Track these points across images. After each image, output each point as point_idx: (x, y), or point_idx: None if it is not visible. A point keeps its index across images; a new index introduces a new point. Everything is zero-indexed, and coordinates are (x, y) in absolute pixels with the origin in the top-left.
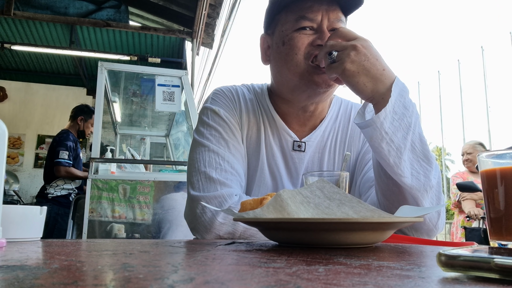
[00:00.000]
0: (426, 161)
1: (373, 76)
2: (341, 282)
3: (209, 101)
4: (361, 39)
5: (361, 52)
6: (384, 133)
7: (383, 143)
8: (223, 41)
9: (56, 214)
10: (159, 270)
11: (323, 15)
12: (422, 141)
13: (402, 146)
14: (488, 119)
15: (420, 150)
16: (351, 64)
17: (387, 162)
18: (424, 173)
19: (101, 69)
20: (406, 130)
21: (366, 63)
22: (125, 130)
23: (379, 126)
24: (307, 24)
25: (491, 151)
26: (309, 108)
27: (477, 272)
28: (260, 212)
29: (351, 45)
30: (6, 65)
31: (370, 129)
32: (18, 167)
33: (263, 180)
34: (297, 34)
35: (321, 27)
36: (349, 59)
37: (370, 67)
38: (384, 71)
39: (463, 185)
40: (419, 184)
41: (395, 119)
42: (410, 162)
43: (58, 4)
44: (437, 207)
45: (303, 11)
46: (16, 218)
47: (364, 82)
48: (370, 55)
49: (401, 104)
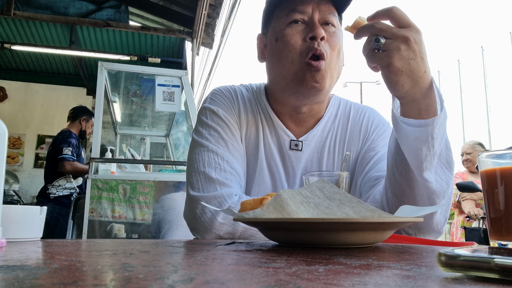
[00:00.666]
0: (448, 167)
1: (414, 78)
2: (341, 282)
3: (207, 101)
4: (414, 30)
5: (411, 48)
6: (430, 138)
7: (425, 147)
8: (223, 41)
9: (58, 214)
10: (159, 270)
11: (313, 7)
12: (447, 147)
13: (437, 151)
14: (488, 119)
15: (445, 156)
16: (399, 60)
17: (418, 165)
18: (446, 179)
19: (101, 69)
20: (442, 137)
21: (413, 62)
22: (125, 130)
23: (430, 130)
24: (298, 17)
25: (491, 151)
26: (301, 109)
27: (477, 272)
28: (260, 212)
29: (403, 36)
30: (6, 65)
31: (419, 130)
32: (18, 167)
33: (262, 179)
34: (289, 29)
35: (312, 19)
36: (398, 54)
37: (414, 68)
38: (425, 73)
39: (463, 185)
40: (441, 190)
41: (441, 124)
42: (435, 168)
43: (58, 4)
44: (437, 207)
45: (294, 4)
46: (16, 218)
47: (403, 83)
48: (418, 53)
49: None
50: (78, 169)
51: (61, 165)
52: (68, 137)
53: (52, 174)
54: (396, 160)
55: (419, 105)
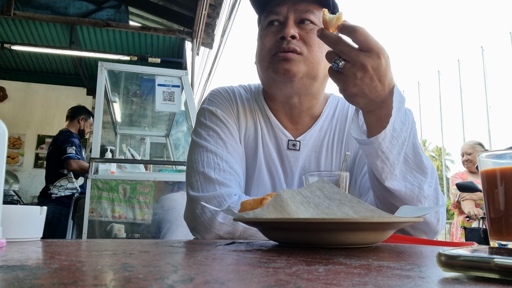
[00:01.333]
0: (420, 171)
1: (369, 99)
2: (341, 282)
3: (206, 102)
4: (374, 54)
5: (368, 75)
6: (380, 153)
7: (378, 161)
8: (223, 41)
9: (59, 214)
10: (159, 270)
11: (289, 8)
12: (415, 151)
13: (396, 162)
14: (488, 119)
15: (413, 161)
16: (353, 87)
17: (379, 176)
18: (418, 184)
19: (101, 69)
20: (401, 146)
21: (368, 87)
22: (125, 130)
23: (377, 146)
24: (273, 18)
25: (491, 151)
26: (292, 101)
27: (477, 272)
28: (260, 212)
29: (361, 63)
30: (6, 65)
31: (367, 147)
32: (18, 167)
33: (261, 179)
34: (266, 31)
35: (286, 20)
36: (353, 81)
37: (370, 91)
38: (381, 91)
39: (462, 185)
40: (412, 196)
41: (394, 136)
42: (403, 174)
43: (58, 4)
44: (437, 207)
45: (271, 6)
46: (16, 218)
47: (358, 102)
48: (376, 79)
49: (399, 119)
50: (84, 167)
51: (67, 164)
52: (70, 137)
53: (53, 174)
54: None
55: (377, 115)
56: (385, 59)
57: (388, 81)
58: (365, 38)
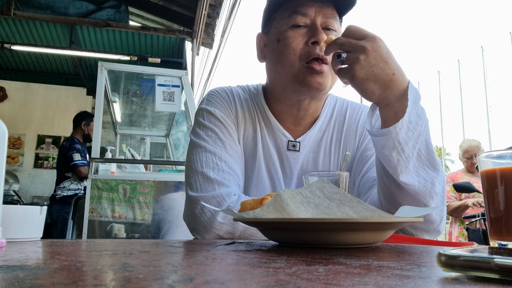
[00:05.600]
0: (432, 168)
1: (382, 83)
2: (341, 282)
3: (204, 102)
4: (371, 39)
5: (370, 56)
6: (397, 143)
7: (394, 153)
8: (223, 41)
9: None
10: (159, 270)
11: (316, 11)
12: (428, 148)
13: (411, 156)
14: (488, 119)
15: (425, 157)
16: (360, 70)
17: (393, 171)
18: (431, 180)
19: (101, 69)
20: (416, 139)
21: (376, 68)
22: (125, 130)
23: (394, 137)
24: (300, 20)
25: (491, 151)
26: (303, 105)
27: (477, 272)
28: (260, 212)
29: (361, 46)
30: (6, 65)
31: (384, 138)
32: (18, 167)
33: (260, 180)
34: (292, 32)
35: (314, 23)
36: (358, 64)
37: (379, 73)
38: (393, 75)
39: (459, 186)
40: (425, 191)
41: (410, 128)
42: (416, 169)
43: (58, 4)
44: (437, 208)
45: (297, 7)
46: (16, 218)
47: (373, 90)
48: (379, 59)
49: (415, 113)
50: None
51: (77, 171)
52: (72, 143)
53: (59, 178)
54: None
55: (394, 108)
56: (382, 41)
57: (398, 66)
58: (357, 29)
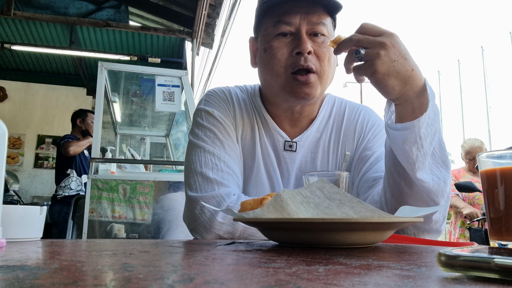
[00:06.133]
0: (445, 166)
1: (402, 79)
2: (341, 282)
3: (202, 102)
4: (388, 35)
5: (391, 51)
6: (418, 138)
7: (414, 148)
8: (223, 41)
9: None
10: (159, 270)
11: (301, 19)
12: (441, 146)
13: (428, 152)
14: (488, 119)
15: (439, 155)
16: (382, 65)
17: (411, 167)
18: (444, 178)
19: (101, 69)
20: (432, 136)
21: (396, 64)
22: (125, 130)
23: (417, 131)
24: (285, 29)
25: (491, 151)
26: (295, 110)
27: (477, 272)
28: (260, 212)
29: (380, 42)
30: (6, 65)
31: (406, 132)
32: (18, 167)
33: (259, 180)
34: (277, 42)
35: (299, 32)
36: (379, 60)
37: (400, 69)
38: (413, 71)
39: (461, 185)
40: (438, 189)
41: (429, 124)
42: (430, 167)
43: (58, 4)
44: (437, 208)
45: (281, 15)
46: (16, 218)
47: (393, 85)
48: (399, 54)
49: (433, 109)
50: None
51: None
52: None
53: (58, 176)
54: (394, 160)
55: (413, 104)
56: (399, 38)
57: (414, 61)
58: (372, 26)
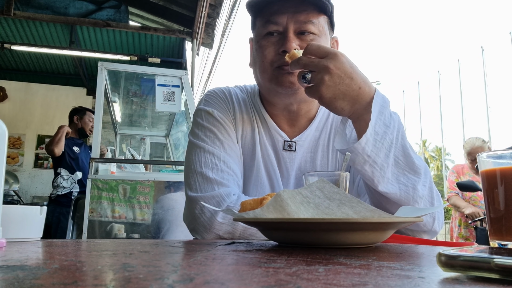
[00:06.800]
0: (413, 172)
1: (350, 99)
2: (341, 282)
3: (202, 102)
4: (332, 57)
5: (335, 75)
6: (366, 157)
7: (366, 166)
8: (223, 41)
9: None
10: (159, 270)
11: (288, 18)
12: (405, 153)
13: (385, 165)
14: (488, 119)
15: (404, 163)
16: (327, 90)
17: (371, 182)
18: (412, 185)
19: (101, 69)
20: (388, 148)
21: (341, 86)
22: (125, 130)
23: (361, 152)
24: (273, 29)
25: (491, 151)
26: (292, 108)
27: (477, 272)
28: (260, 212)
29: (324, 66)
30: (6, 65)
31: (352, 155)
32: (18, 167)
33: (260, 180)
34: (265, 41)
35: (286, 31)
36: (324, 85)
37: (346, 90)
38: (360, 89)
39: (463, 185)
40: (407, 197)
41: (377, 140)
42: (396, 176)
43: (58, 4)
44: (436, 208)
45: (270, 15)
46: (16, 218)
47: (342, 106)
48: (344, 76)
49: (382, 122)
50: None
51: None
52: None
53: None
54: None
55: (365, 120)
56: (345, 57)
57: (363, 78)
58: (317, 47)
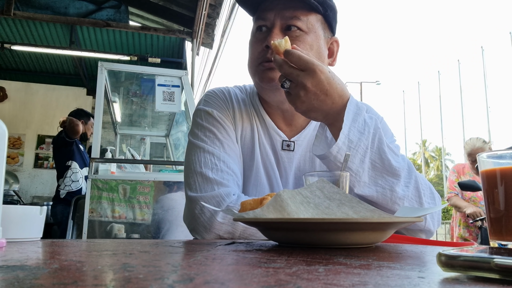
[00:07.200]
0: (391, 174)
1: (322, 112)
2: (341, 282)
3: (202, 103)
4: (309, 71)
5: (310, 92)
6: (339, 163)
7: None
8: (223, 41)
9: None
10: (159, 270)
11: (276, 14)
12: (382, 157)
13: (361, 170)
14: (488, 119)
15: (381, 166)
16: (301, 104)
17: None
18: (390, 187)
19: (101, 69)
20: (363, 154)
21: (316, 102)
22: (125, 130)
23: (333, 159)
24: (261, 24)
25: (490, 152)
26: (284, 107)
27: (477, 272)
28: (260, 212)
29: (301, 83)
30: (6, 65)
31: (325, 161)
32: (18, 167)
33: (259, 179)
34: (254, 38)
35: (272, 26)
36: (299, 100)
37: (319, 105)
38: (333, 104)
39: (464, 184)
40: (385, 198)
41: (351, 147)
42: (374, 179)
43: (58, 4)
44: (437, 208)
45: (260, 12)
46: (16, 218)
47: (315, 117)
48: (320, 93)
49: (356, 130)
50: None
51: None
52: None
53: (59, 170)
54: None
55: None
56: (324, 73)
57: (338, 92)
58: (297, 59)
